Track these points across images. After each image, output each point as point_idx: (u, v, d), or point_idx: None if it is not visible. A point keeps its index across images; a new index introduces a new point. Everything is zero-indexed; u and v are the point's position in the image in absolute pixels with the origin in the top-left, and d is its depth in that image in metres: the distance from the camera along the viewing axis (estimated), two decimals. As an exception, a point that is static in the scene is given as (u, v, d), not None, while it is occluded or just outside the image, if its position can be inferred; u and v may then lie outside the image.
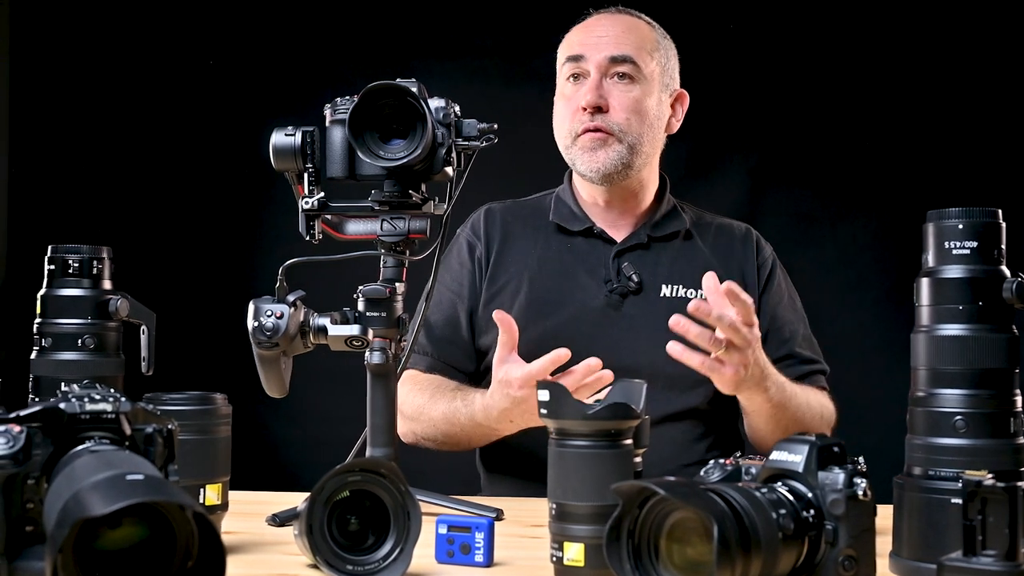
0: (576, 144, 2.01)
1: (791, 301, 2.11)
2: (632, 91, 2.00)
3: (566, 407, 1.16)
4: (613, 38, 2.03)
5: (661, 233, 2.07)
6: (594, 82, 1.99)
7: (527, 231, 2.11)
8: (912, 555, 1.19)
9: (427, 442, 1.99)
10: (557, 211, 2.12)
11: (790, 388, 1.87)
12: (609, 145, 1.98)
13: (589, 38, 2.04)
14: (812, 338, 2.10)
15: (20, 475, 0.99)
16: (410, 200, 1.49)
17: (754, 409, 1.86)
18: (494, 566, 1.24)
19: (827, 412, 1.99)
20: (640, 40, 2.04)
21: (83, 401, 1.02)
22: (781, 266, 2.13)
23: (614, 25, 2.05)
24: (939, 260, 1.22)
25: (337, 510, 1.16)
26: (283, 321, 1.39)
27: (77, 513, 0.85)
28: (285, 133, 1.50)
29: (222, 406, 1.31)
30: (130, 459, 0.96)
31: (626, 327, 1.98)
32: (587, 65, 2.01)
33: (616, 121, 1.98)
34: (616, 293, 2.00)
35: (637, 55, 2.01)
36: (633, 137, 1.99)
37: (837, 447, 1.09)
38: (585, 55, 2.02)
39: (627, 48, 2.01)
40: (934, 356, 1.21)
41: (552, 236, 2.10)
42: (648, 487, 0.98)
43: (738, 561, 0.95)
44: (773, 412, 1.85)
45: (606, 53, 2.00)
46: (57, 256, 1.41)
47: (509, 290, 2.05)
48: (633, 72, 2.00)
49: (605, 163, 1.99)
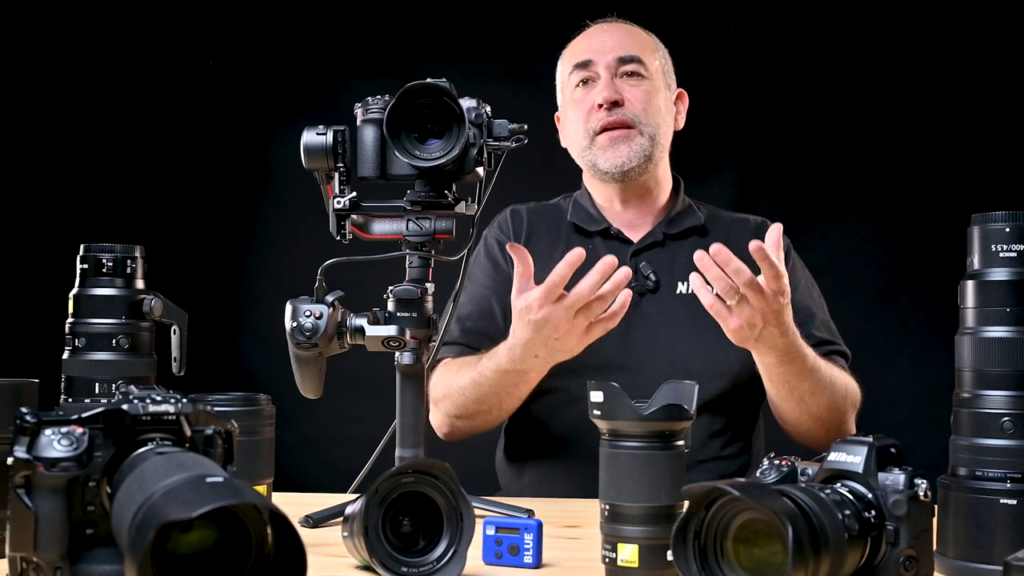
0: (595, 143, 2.03)
1: (808, 288, 2.13)
2: (643, 85, 2.06)
3: (620, 409, 1.16)
4: (618, 40, 2.09)
5: (676, 230, 2.09)
6: (606, 80, 2.05)
7: (549, 231, 2.14)
8: (959, 555, 1.20)
9: (460, 421, 1.97)
10: (575, 213, 2.14)
11: (812, 359, 1.85)
12: (631, 139, 2.02)
13: (594, 44, 2.10)
14: (831, 323, 2.11)
15: (82, 477, 0.97)
16: (443, 200, 1.48)
17: (767, 373, 1.85)
18: (543, 567, 1.24)
19: (852, 391, 1.98)
20: (642, 42, 2.12)
21: (145, 402, 1.01)
22: (798, 256, 2.15)
23: (616, 30, 2.13)
24: (985, 263, 1.23)
25: (390, 512, 1.16)
26: (322, 321, 1.38)
27: (160, 516, 0.84)
28: (316, 132, 1.48)
29: (266, 407, 1.30)
30: (199, 461, 0.95)
31: (643, 325, 2.00)
32: (596, 68, 2.07)
33: (635, 112, 2.03)
34: (634, 292, 2.00)
35: (643, 54, 2.08)
36: (652, 128, 2.04)
37: (894, 448, 1.10)
38: (593, 59, 2.07)
39: (633, 48, 2.08)
40: (980, 358, 1.22)
41: (572, 237, 2.11)
42: (719, 488, 0.98)
43: (810, 562, 0.96)
44: (787, 378, 1.83)
45: (614, 54, 2.06)
46: (90, 255, 1.39)
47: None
48: (641, 70, 2.06)
49: (628, 156, 2.02)
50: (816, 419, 1.91)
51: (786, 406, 1.91)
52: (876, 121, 3.22)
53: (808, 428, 1.93)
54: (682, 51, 2.23)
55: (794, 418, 1.93)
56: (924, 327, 3.20)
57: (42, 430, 0.98)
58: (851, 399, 1.98)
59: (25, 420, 0.98)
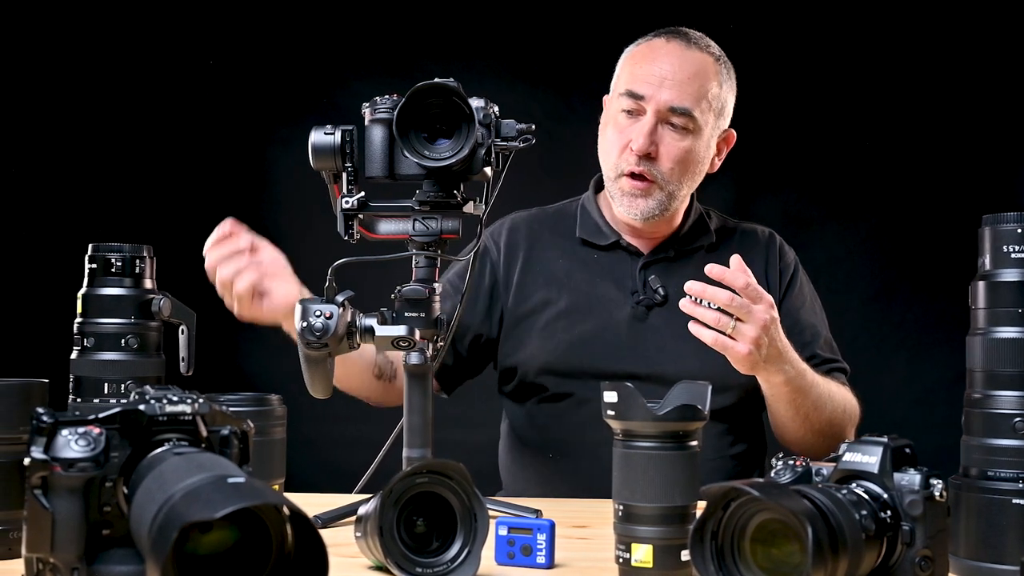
0: (618, 184, 2.00)
1: (812, 305, 2.12)
2: (684, 141, 1.98)
3: (634, 409, 1.16)
4: (677, 84, 1.97)
5: (688, 247, 2.08)
6: (649, 127, 1.95)
7: (554, 240, 2.12)
8: (970, 555, 1.21)
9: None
10: (584, 225, 2.12)
11: (811, 375, 1.88)
12: (651, 195, 1.98)
13: (653, 75, 1.98)
14: (832, 342, 2.11)
15: (99, 478, 0.97)
16: (452, 200, 1.48)
17: (773, 393, 1.87)
18: (555, 567, 1.24)
19: (850, 406, 1.99)
20: (703, 87, 1.99)
21: (162, 403, 1.00)
22: (803, 271, 2.14)
23: (681, 66, 1.99)
24: (996, 264, 1.23)
25: (404, 512, 1.16)
26: (332, 321, 1.38)
27: (182, 517, 0.83)
28: (324, 132, 1.48)
29: (277, 407, 1.30)
30: (218, 461, 0.95)
31: (651, 338, 2.00)
32: (646, 105, 1.97)
33: (662, 171, 1.97)
34: (642, 305, 2.02)
35: (696, 106, 1.97)
36: (675, 186, 1.99)
37: (908, 448, 1.10)
38: (645, 96, 1.97)
39: (688, 100, 1.96)
40: (992, 358, 1.22)
41: (579, 248, 2.10)
42: (736, 488, 0.99)
43: (829, 562, 0.96)
44: (792, 396, 1.86)
45: (667, 100, 1.95)
46: (99, 255, 1.38)
47: (542, 302, 2.05)
48: (688, 124, 1.97)
49: (644, 211, 2.00)
50: (819, 434, 1.92)
51: (791, 425, 1.92)
52: (875, 122, 3.23)
53: (812, 444, 1.94)
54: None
55: (799, 436, 1.94)
56: (921, 328, 3.22)
57: (59, 430, 0.97)
58: (849, 414, 1.99)
59: (42, 420, 0.97)
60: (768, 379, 1.82)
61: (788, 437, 1.96)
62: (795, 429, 1.92)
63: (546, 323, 2.02)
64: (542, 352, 2.02)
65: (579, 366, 2.00)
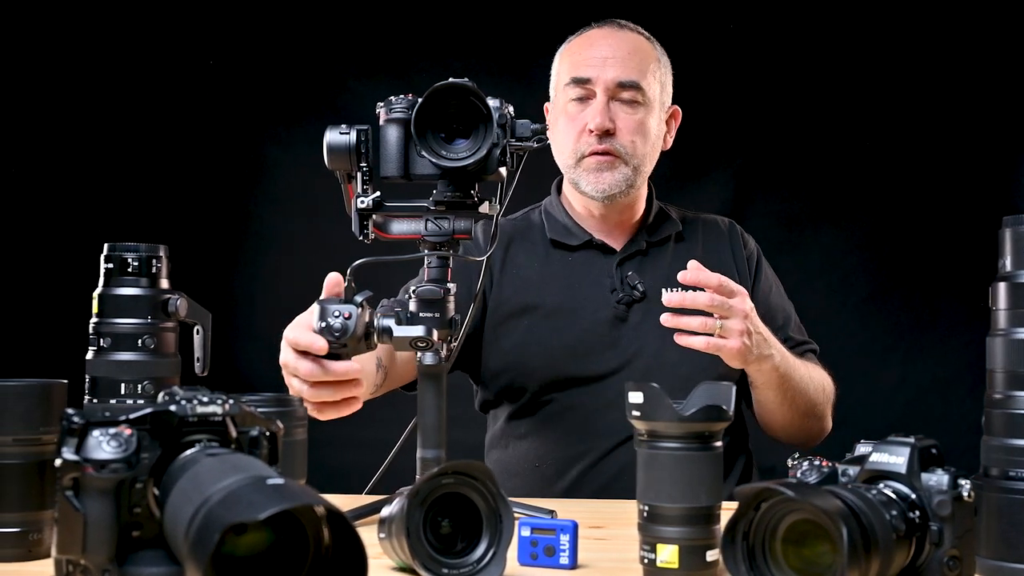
0: (581, 165, 2.02)
1: (778, 288, 2.19)
2: (637, 114, 2.02)
3: (660, 409, 1.16)
4: (619, 60, 2.02)
5: (657, 238, 2.11)
6: (602, 105, 2.00)
7: (524, 246, 2.12)
8: (993, 554, 1.21)
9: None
10: (552, 227, 2.13)
11: (791, 357, 1.93)
12: (616, 168, 2.01)
13: (594, 59, 2.03)
14: (800, 323, 2.18)
15: (129, 479, 0.96)
16: (468, 201, 1.48)
17: (763, 380, 1.90)
18: (579, 568, 1.24)
19: (828, 385, 2.05)
20: (644, 62, 2.04)
21: (192, 403, 1.00)
22: (766, 261, 2.20)
23: (619, 45, 2.04)
24: (1017, 264, 1.24)
25: (430, 513, 1.15)
26: (351, 322, 1.37)
27: (224, 519, 0.83)
28: (340, 132, 1.47)
29: (299, 408, 1.29)
30: (251, 463, 0.95)
31: (634, 334, 2.02)
32: (594, 87, 2.01)
33: (623, 144, 2.00)
34: (622, 303, 2.03)
35: (642, 79, 2.02)
36: (638, 159, 2.02)
37: (935, 449, 1.11)
38: (592, 78, 2.01)
39: (633, 72, 2.01)
40: (1012, 359, 1.23)
41: (551, 251, 2.11)
42: (769, 488, 0.99)
43: (862, 561, 0.96)
44: (780, 382, 1.90)
45: (614, 77, 2.00)
46: (115, 255, 1.37)
47: (517, 310, 2.06)
48: (638, 97, 2.01)
49: (611, 184, 2.01)
50: (805, 416, 1.98)
51: (780, 410, 1.97)
52: (872, 124, 3.24)
53: (799, 427, 2.00)
54: (681, 51, 2.21)
55: (786, 421, 1.99)
56: (916, 328, 3.23)
57: (90, 431, 0.96)
58: (828, 393, 2.05)
59: (72, 421, 0.96)
60: (759, 367, 1.84)
61: (775, 424, 2.01)
62: (783, 414, 1.97)
63: (530, 330, 2.03)
64: (525, 358, 2.03)
65: (565, 372, 2.01)
